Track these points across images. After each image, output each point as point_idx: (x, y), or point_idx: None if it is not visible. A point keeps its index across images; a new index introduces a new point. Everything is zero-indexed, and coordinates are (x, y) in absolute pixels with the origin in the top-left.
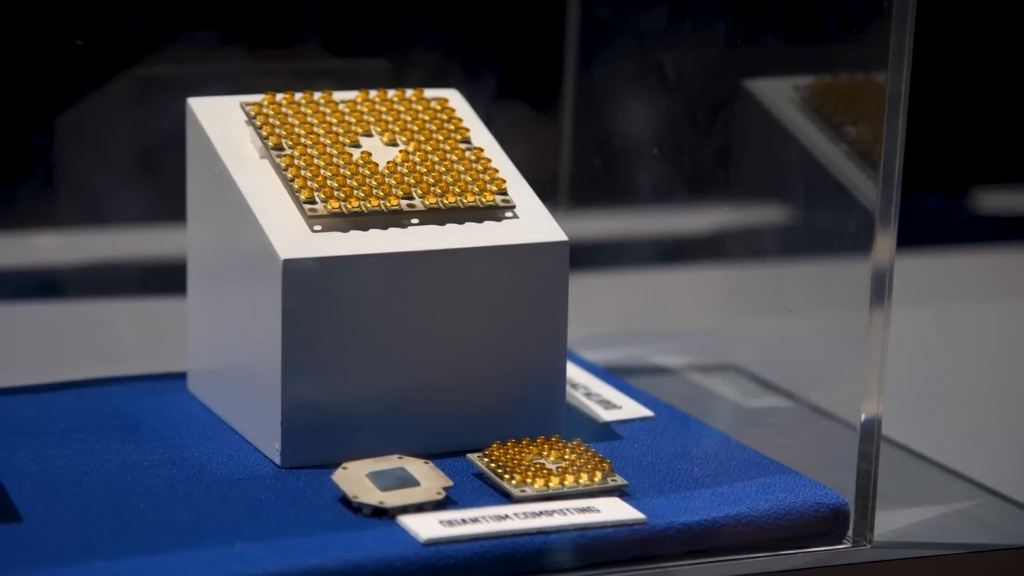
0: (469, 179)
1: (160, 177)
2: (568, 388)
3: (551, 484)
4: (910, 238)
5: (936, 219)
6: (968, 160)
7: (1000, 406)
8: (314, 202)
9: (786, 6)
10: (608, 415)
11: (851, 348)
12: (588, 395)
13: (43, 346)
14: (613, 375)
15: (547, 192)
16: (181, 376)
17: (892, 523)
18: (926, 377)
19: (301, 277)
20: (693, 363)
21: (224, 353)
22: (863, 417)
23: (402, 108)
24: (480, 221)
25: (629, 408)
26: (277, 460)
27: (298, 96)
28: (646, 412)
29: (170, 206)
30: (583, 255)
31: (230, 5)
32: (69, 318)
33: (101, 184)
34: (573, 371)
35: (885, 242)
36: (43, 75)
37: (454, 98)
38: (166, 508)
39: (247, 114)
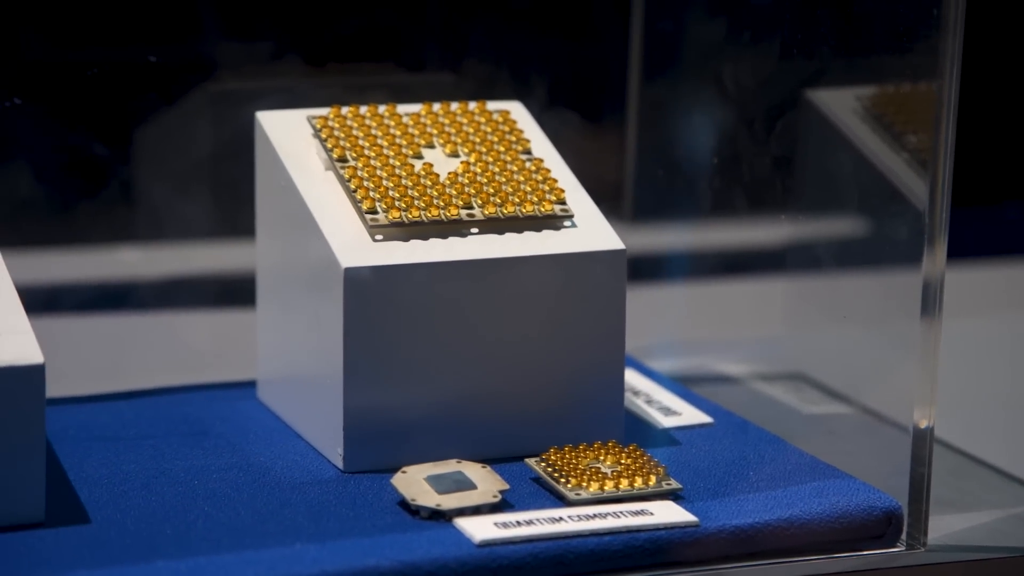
0: (528, 189)
1: (231, 190)
2: (630, 395)
3: (606, 488)
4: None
5: (1017, 230)
6: None
7: None
8: (375, 212)
9: (840, 16)
10: (668, 421)
11: (907, 355)
12: (649, 402)
13: (118, 356)
14: (676, 383)
15: (611, 203)
16: (251, 384)
17: (947, 527)
18: (988, 382)
19: (362, 285)
20: (754, 371)
21: (291, 361)
22: (917, 423)
23: (464, 120)
24: (539, 230)
25: (689, 414)
26: (340, 464)
27: (363, 109)
28: (706, 418)
29: (242, 219)
30: (649, 266)
31: (292, 21)
32: (145, 329)
33: (174, 198)
34: (636, 379)
35: (936, 251)
36: (118, 91)
37: (516, 110)
38: (229, 510)
39: (313, 127)
